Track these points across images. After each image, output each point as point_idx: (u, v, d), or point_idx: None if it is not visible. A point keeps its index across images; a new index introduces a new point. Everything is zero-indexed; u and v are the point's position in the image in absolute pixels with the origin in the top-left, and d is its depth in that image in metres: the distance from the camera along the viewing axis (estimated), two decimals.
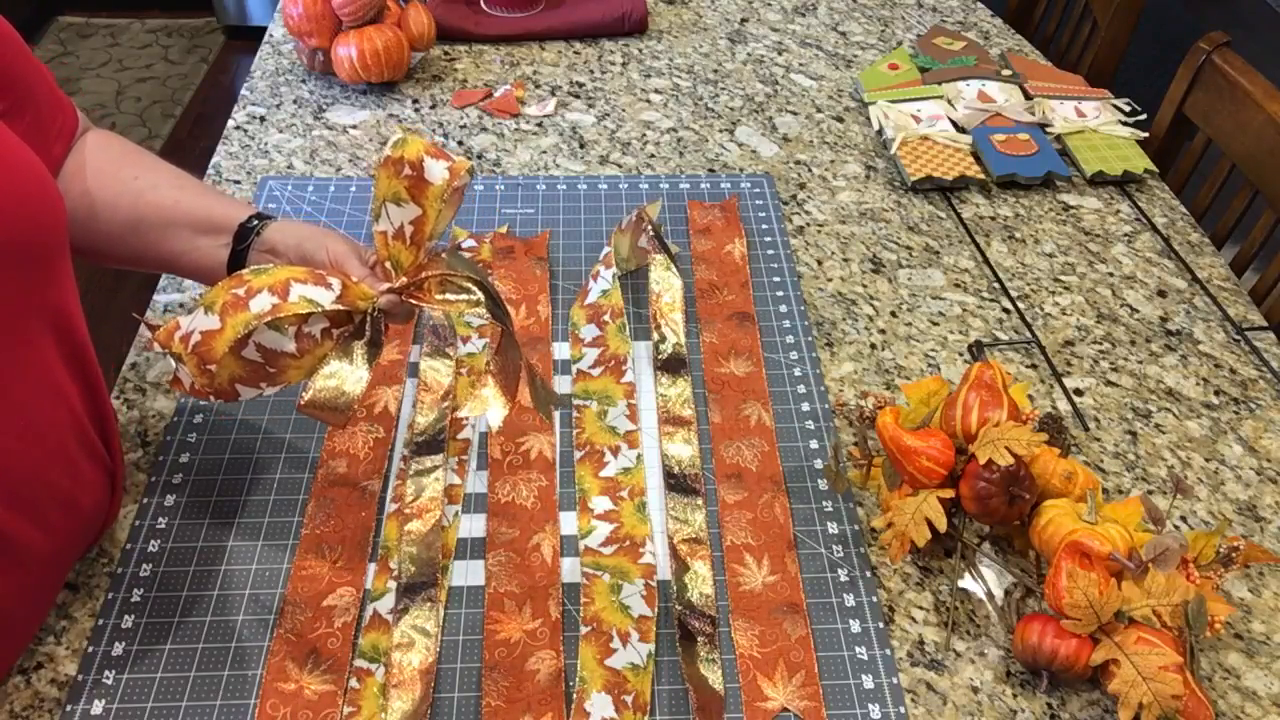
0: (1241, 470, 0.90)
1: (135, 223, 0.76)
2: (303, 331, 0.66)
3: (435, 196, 0.68)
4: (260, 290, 0.64)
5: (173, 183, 0.78)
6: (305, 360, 0.67)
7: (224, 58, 3.08)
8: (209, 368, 0.64)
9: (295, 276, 0.66)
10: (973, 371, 0.81)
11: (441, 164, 0.68)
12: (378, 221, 0.70)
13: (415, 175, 0.68)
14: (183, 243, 0.76)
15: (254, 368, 0.66)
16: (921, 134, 1.23)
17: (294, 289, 0.65)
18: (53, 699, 0.69)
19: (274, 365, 0.66)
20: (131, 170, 0.77)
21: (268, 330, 0.64)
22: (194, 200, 0.77)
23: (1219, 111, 1.25)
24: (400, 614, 0.74)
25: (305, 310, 0.64)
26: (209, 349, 0.64)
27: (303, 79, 1.32)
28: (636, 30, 1.44)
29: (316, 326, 0.66)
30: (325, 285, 0.66)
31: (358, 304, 0.67)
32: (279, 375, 0.67)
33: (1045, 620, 0.71)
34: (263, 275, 0.65)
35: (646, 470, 0.86)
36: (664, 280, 0.99)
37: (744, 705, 0.71)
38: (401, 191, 0.68)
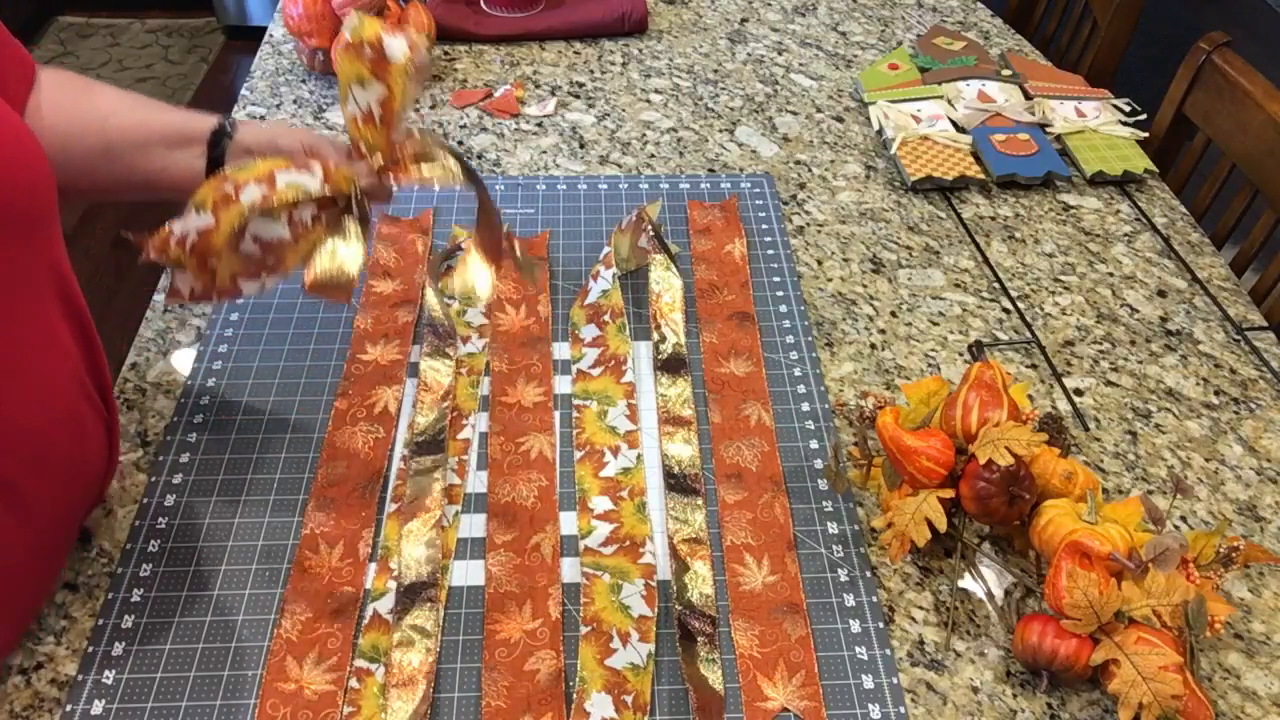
0: (1241, 470, 0.90)
1: (105, 149, 0.76)
2: (295, 218, 0.68)
3: (399, 74, 0.70)
4: (247, 183, 0.66)
5: (134, 105, 0.79)
6: (301, 245, 0.70)
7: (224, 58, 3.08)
8: (210, 264, 0.66)
9: (278, 166, 0.68)
10: (973, 371, 0.81)
11: (399, 39, 0.70)
12: (345, 106, 0.72)
13: (376, 55, 0.69)
14: (158, 160, 0.77)
15: (253, 260, 0.68)
16: (921, 134, 1.23)
17: (280, 177, 0.67)
18: (53, 699, 0.69)
19: (272, 255, 0.69)
20: (90, 100, 0.77)
21: (261, 220, 0.66)
22: (160, 117, 0.78)
23: (1219, 111, 1.25)
24: (400, 614, 0.74)
25: (294, 197, 0.66)
26: (207, 245, 0.65)
27: (303, 79, 1.32)
28: (636, 30, 1.44)
29: (306, 212, 0.69)
30: (308, 170, 0.68)
31: (341, 186, 0.70)
32: (278, 264, 0.70)
33: (1045, 620, 0.71)
34: (246, 170, 0.67)
35: (646, 470, 0.86)
36: (664, 280, 0.99)
37: (744, 705, 0.71)
38: (364, 72, 0.70)
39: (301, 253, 0.70)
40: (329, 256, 0.70)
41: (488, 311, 0.99)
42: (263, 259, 0.68)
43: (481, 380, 0.92)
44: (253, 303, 0.98)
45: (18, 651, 0.72)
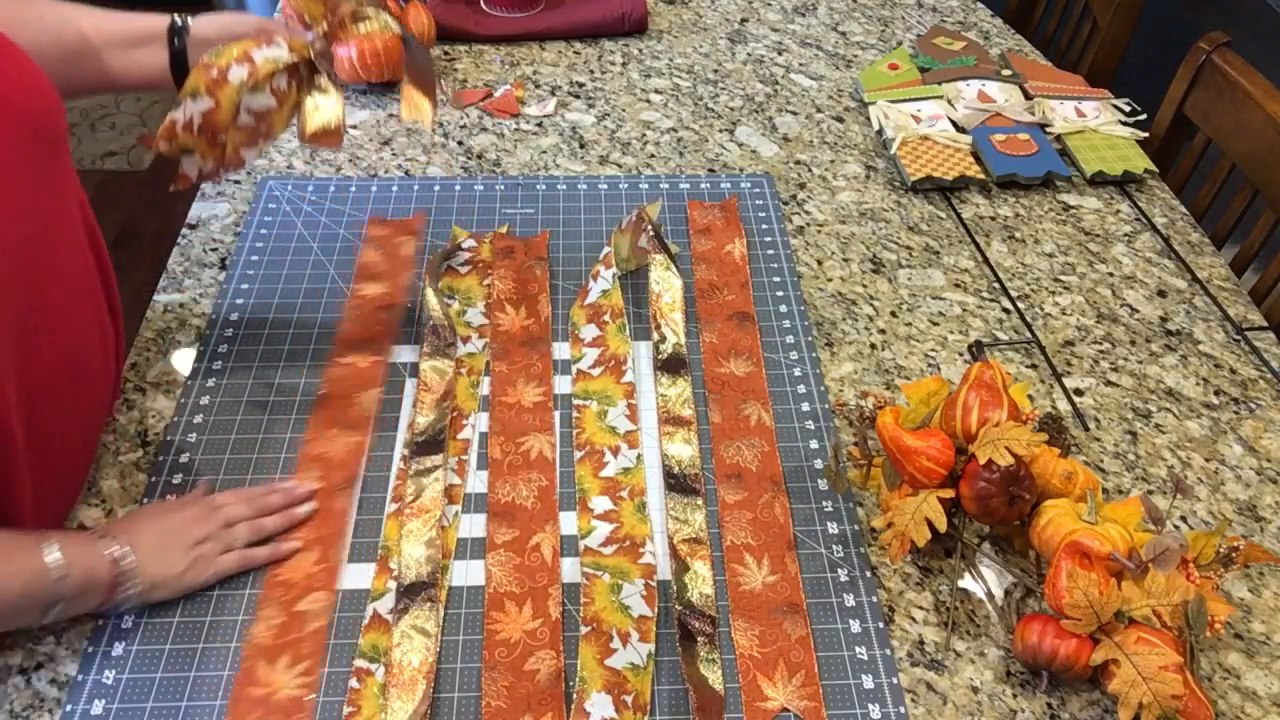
0: (1241, 470, 0.90)
1: (64, 56, 0.79)
2: (274, 87, 0.79)
3: None
4: (230, 65, 0.76)
5: (81, 12, 0.82)
6: (284, 109, 0.81)
7: None
8: (220, 140, 0.77)
9: (248, 47, 0.78)
10: (973, 371, 0.81)
11: None
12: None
13: None
14: (119, 61, 0.82)
15: (250, 130, 0.79)
16: (921, 134, 1.23)
17: (256, 54, 0.77)
18: (53, 699, 0.69)
19: (264, 122, 0.80)
20: (35, 12, 0.79)
21: (250, 94, 0.78)
22: (111, 22, 0.82)
23: (1219, 111, 1.25)
24: (400, 614, 0.74)
25: (272, 68, 0.78)
26: (215, 124, 0.76)
27: None
28: (636, 30, 1.44)
29: (281, 80, 0.80)
30: (275, 44, 0.79)
31: (302, 51, 0.80)
32: (270, 129, 0.81)
33: (1045, 620, 0.71)
34: (224, 55, 0.77)
35: (646, 470, 0.86)
36: (664, 280, 0.99)
37: (744, 705, 0.71)
38: None
39: (285, 116, 0.81)
40: (315, 110, 0.81)
41: (487, 311, 0.99)
42: (257, 127, 0.79)
43: (481, 380, 0.92)
44: (252, 303, 0.98)
45: (17, 651, 0.72)
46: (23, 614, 0.67)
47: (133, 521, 0.75)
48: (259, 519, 0.78)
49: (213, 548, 0.75)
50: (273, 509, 0.79)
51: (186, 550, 0.74)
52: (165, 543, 0.74)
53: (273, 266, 1.03)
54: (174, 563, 0.73)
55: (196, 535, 0.75)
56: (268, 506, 0.79)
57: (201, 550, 0.74)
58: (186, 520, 0.75)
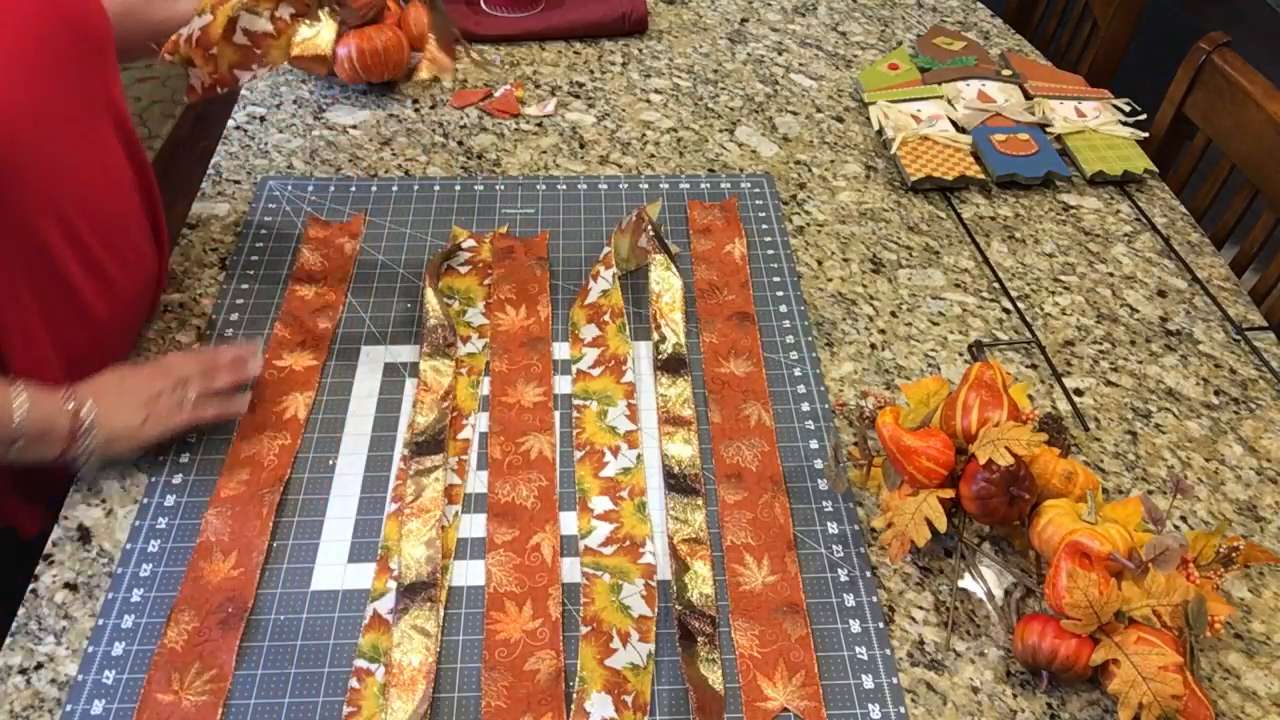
0: (1241, 470, 0.90)
1: (126, 9, 0.89)
2: (275, 15, 0.84)
3: None
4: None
5: None
6: (282, 40, 0.85)
7: None
8: (211, 54, 0.81)
9: None
10: (973, 371, 0.81)
11: None
12: None
13: None
14: (165, 9, 0.90)
15: (244, 50, 0.84)
16: (921, 134, 1.23)
17: None
18: (53, 699, 0.69)
19: (259, 46, 0.84)
20: None
21: (249, 15, 0.83)
22: None
23: (1219, 111, 1.25)
24: (400, 614, 0.74)
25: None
26: (207, 37, 0.81)
27: (303, 79, 1.32)
28: (636, 30, 1.44)
29: (285, 11, 0.84)
30: None
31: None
32: (265, 55, 0.85)
33: (1045, 620, 0.71)
34: None
35: (646, 470, 0.86)
36: (664, 280, 0.99)
37: (744, 705, 0.71)
38: None
39: (283, 46, 0.85)
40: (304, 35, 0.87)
41: (487, 311, 0.99)
42: (251, 49, 0.84)
43: (481, 380, 0.92)
44: (253, 303, 0.98)
45: (17, 651, 0.72)
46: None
47: (95, 381, 0.80)
48: (210, 378, 0.84)
49: (167, 402, 0.81)
50: (223, 365, 0.85)
51: (142, 406, 0.80)
52: (123, 400, 0.80)
53: (273, 266, 1.03)
54: (131, 417, 0.79)
55: (152, 390, 0.81)
56: (219, 364, 0.85)
57: (157, 406, 0.80)
58: (142, 378, 0.82)
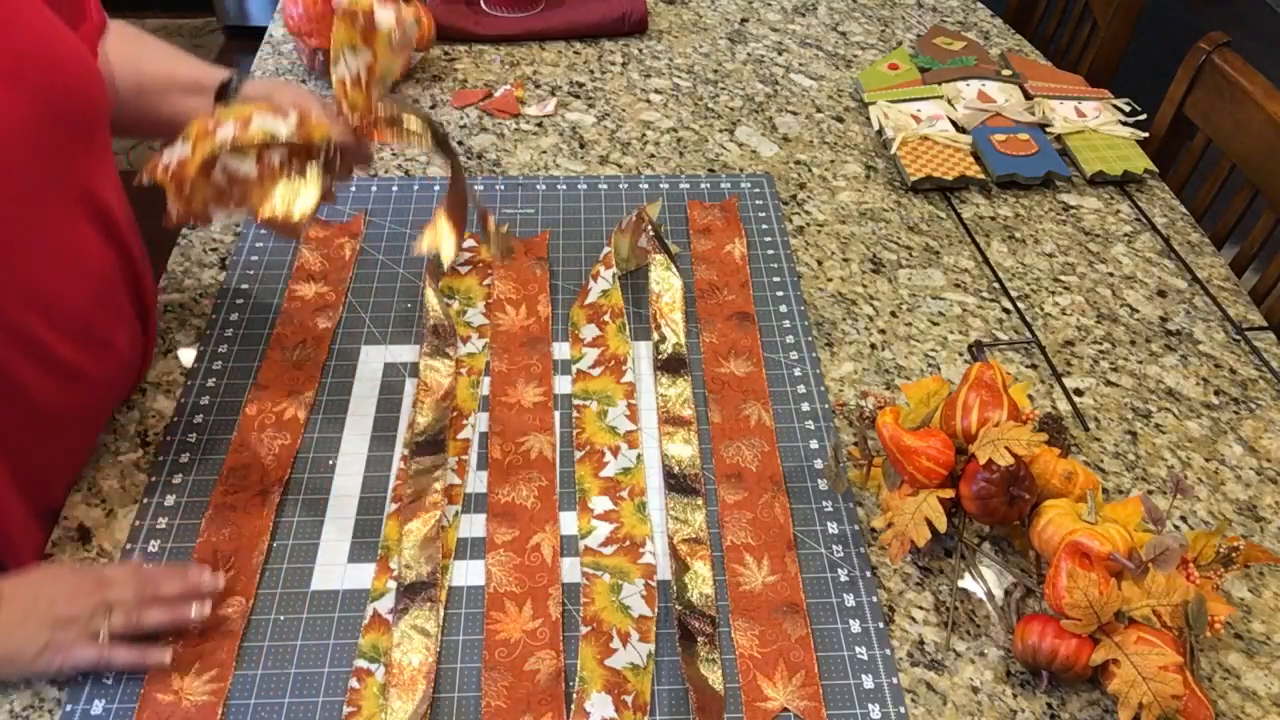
0: (1241, 470, 0.90)
1: (139, 89, 0.85)
2: (264, 159, 0.76)
3: (383, 41, 0.76)
4: (226, 121, 0.73)
5: (169, 55, 0.90)
6: (266, 186, 0.77)
7: (224, 58, 3.07)
8: (184, 191, 0.73)
9: (258, 109, 0.75)
10: (973, 371, 0.81)
11: (388, 10, 0.76)
12: (336, 68, 0.78)
13: (366, 23, 0.76)
14: (176, 104, 0.86)
15: (221, 191, 0.76)
16: (921, 134, 1.23)
17: (255, 120, 0.74)
18: (53, 699, 0.69)
19: (238, 188, 0.76)
20: (136, 45, 0.88)
21: (233, 156, 0.74)
22: (186, 67, 0.88)
23: (1219, 111, 1.24)
24: (400, 614, 0.74)
25: (262, 139, 0.74)
26: (182, 173, 0.73)
27: (303, 79, 1.32)
28: (636, 30, 1.44)
29: (276, 156, 0.76)
30: (283, 116, 0.75)
31: (313, 136, 0.76)
32: (244, 198, 0.77)
33: (1045, 620, 0.71)
34: (231, 110, 0.75)
35: (646, 470, 0.86)
36: (664, 280, 0.99)
37: (744, 705, 0.71)
38: (356, 39, 0.76)
39: (267, 192, 0.77)
40: (283, 195, 0.77)
41: (487, 311, 0.99)
42: (230, 191, 0.76)
43: (481, 380, 0.92)
44: (253, 303, 0.98)
45: None
46: None
47: (13, 581, 0.69)
48: (141, 610, 0.69)
49: (76, 633, 0.67)
50: (164, 598, 0.71)
51: (45, 629, 0.67)
52: (30, 615, 0.67)
53: (273, 266, 1.03)
54: (29, 640, 0.66)
55: (65, 613, 0.67)
56: (159, 593, 0.71)
57: (63, 634, 0.67)
58: (65, 593, 0.68)
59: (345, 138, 0.79)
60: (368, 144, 0.81)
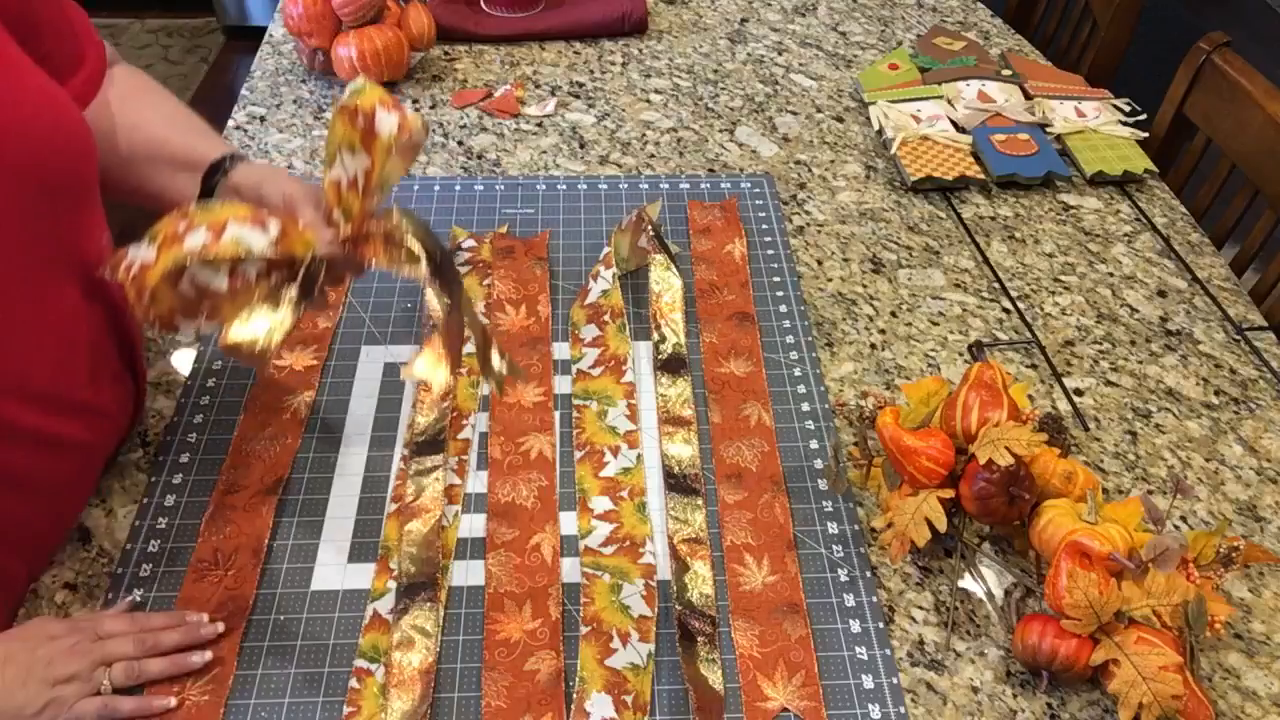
0: (1241, 470, 0.90)
1: (129, 157, 0.78)
2: (237, 271, 0.67)
3: (382, 150, 0.67)
4: (199, 226, 0.65)
5: (166, 120, 0.81)
6: (239, 300, 0.68)
7: (224, 58, 3.07)
8: (144, 298, 0.66)
9: (236, 215, 0.66)
10: (973, 371, 0.81)
11: (393, 116, 0.67)
12: (330, 169, 0.69)
13: (368, 126, 0.67)
14: (165, 179, 0.79)
15: (189, 302, 0.67)
16: (921, 134, 1.23)
17: (230, 229, 0.65)
18: None
19: (208, 301, 0.68)
20: (134, 106, 0.80)
21: (201, 267, 0.65)
22: (180, 138, 0.80)
23: (1219, 111, 1.25)
24: (400, 614, 0.74)
25: (235, 253, 0.65)
26: (143, 280, 0.65)
27: (303, 79, 1.32)
28: (636, 30, 1.44)
29: (251, 268, 0.67)
30: (262, 228, 0.66)
31: (296, 250, 0.68)
32: (214, 312, 0.69)
33: (1045, 620, 0.71)
34: (206, 212, 0.66)
35: (646, 470, 0.86)
36: (664, 280, 0.99)
37: (744, 705, 0.71)
38: (355, 140, 0.67)
39: (240, 306, 0.69)
40: (250, 320, 0.69)
41: (487, 311, 0.99)
42: (199, 303, 0.68)
43: (481, 380, 0.92)
44: None
45: None
46: None
47: (9, 644, 0.66)
48: (143, 661, 0.69)
49: (76, 690, 0.66)
50: (163, 650, 0.70)
51: (46, 688, 0.65)
52: (29, 676, 0.65)
53: None
54: (30, 701, 0.64)
55: (63, 672, 0.66)
56: (159, 647, 0.69)
57: (63, 692, 0.65)
58: (59, 651, 0.66)
59: (332, 251, 0.70)
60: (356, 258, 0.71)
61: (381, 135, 0.67)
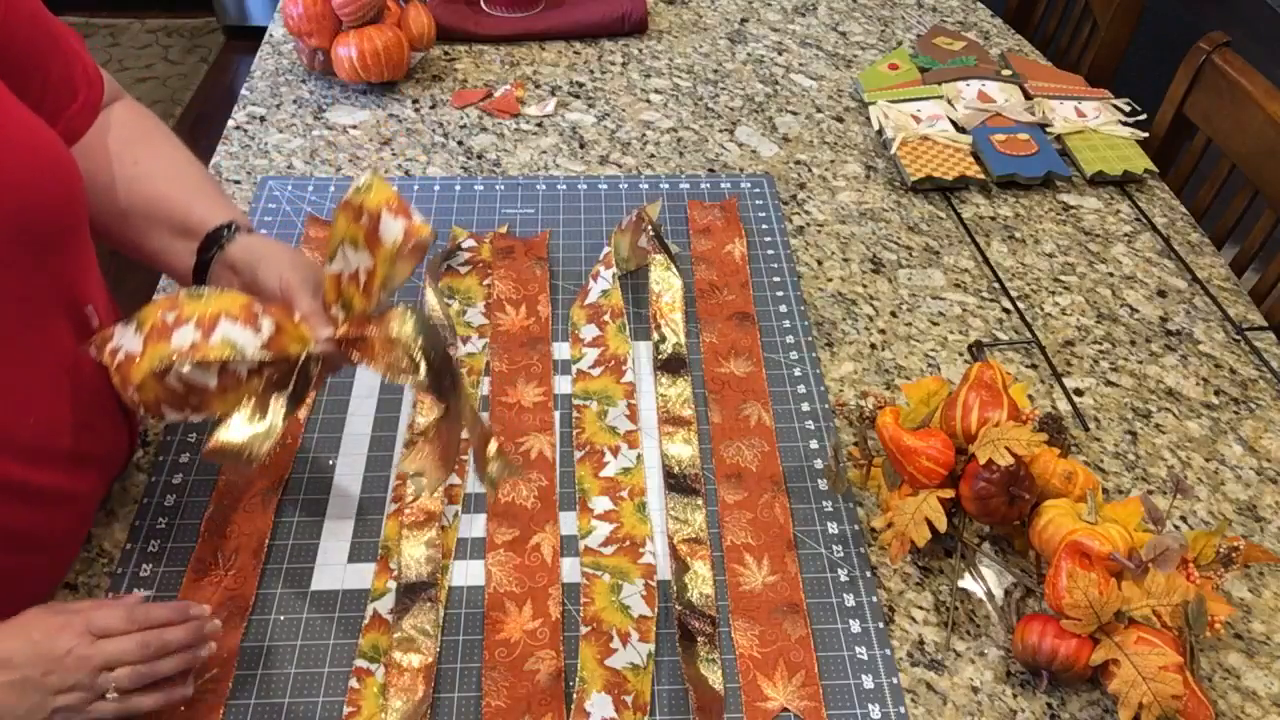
0: (1241, 470, 0.90)
1: (125, 211, 0.75)
2: (227, 369, 0.64)
3: (385, 257, 0.64)
4: (188, 321, 0.63)
5: (167, 174, 0.77)
6: (229, 397, 0.65)
7: (224, 58, 3.08)
8: (129, 389, 0.64)
9: (229, 311, 0.64)
10: (973, 371, 0.81)
11: (399, 222, 0.64)
12: (332, 262, 0.66)
13: (372, 227, 0.64)
14: (160, 241, 0.75)
15: (176, 395, 0.65)
16: (921, 134, 1.23)
17: (221, 327, 0.63)
18: None
19: (195, 396, 0.65)
20: (134, 154, 0.76)
21: (192, 366, 0.63)
22: (178, 198, 0.75)
23: (1219, 111, 1.25)
24: (400, 614, 0.74)
25: (224, 355, 0.62)
26: (128, 373, 0.63)
27: (303, 79, 1.32)
28: (636, 30, 1.44)
29: (242, 367, 0.64)
30: (255, 327, 0.64)
31: (290, 348, 0.65)
32: (202, 406, 0.66)
33: (1045, 620, 0.71)
34: (197, 302, 0.64)
35: (646, 470, 0.86)
36: (664, 280, 0.99)
37: (744, 705, 0.71)
38: (359, 238, 0.65)
39: (230, 403, 0.65)
40: (237, 426, 0.65)
41: (487, 311, 0.99)
42: (186, 397, 0.65)
43: (481, 380, 0.92)
44: None
45: None
46: None
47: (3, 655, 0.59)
48: (150, 666, 0.63)
49: (81, 699, 0.60)
50: (169, 652, 0.64)
51: (50, 696, 0.59)
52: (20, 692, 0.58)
53: None
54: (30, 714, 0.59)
55: (61, 683, 0.60)
56: (166, 648, 0.64)
57: (66, 700, 0.60)
58: (54, 661, 0.60)
59: (327, 349, 0.66)
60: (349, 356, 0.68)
61: (385, 243, 0.64)
